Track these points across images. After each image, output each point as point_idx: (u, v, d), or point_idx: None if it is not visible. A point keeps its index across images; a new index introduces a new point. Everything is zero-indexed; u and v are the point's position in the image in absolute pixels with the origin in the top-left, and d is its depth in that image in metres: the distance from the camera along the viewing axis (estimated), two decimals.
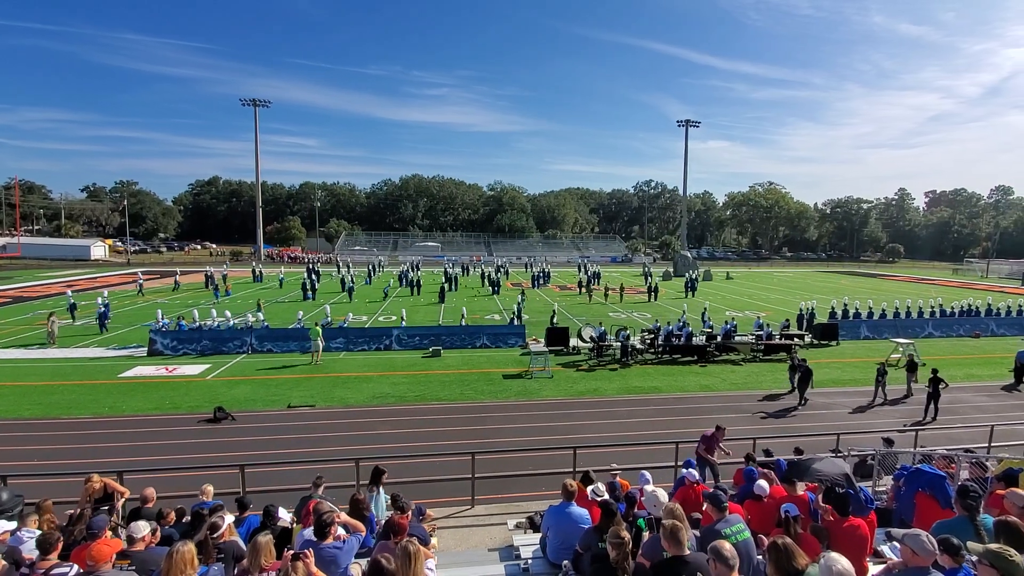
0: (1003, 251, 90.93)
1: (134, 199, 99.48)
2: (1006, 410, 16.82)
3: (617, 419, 15.63)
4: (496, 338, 25.02)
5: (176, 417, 15.18)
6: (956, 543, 3.88)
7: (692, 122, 76.51)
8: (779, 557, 3.56)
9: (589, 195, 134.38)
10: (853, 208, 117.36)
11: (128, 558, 4.77)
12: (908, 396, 17.92)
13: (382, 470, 7.75)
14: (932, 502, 5.74)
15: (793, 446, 11.38)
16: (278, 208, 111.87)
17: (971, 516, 4.77)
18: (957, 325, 29.78)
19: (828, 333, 26.93)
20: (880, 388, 17.52)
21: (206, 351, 22.55)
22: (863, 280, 64.00)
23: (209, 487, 7.66)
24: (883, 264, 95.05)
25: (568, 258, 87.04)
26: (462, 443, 13.25)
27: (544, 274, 51.81)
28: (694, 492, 6.56)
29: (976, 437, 13.08)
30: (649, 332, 24.09)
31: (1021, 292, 47.51)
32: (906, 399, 17.76)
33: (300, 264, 63.68)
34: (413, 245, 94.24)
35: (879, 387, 17.51)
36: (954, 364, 22.58)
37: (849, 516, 4.96)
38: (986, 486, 6.77)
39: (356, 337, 24.14)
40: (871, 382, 18.36)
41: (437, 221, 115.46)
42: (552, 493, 8.43)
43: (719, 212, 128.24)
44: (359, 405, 16.48)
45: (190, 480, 9.13)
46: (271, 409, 16.00)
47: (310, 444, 13.28)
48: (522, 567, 6.36)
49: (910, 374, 18.18)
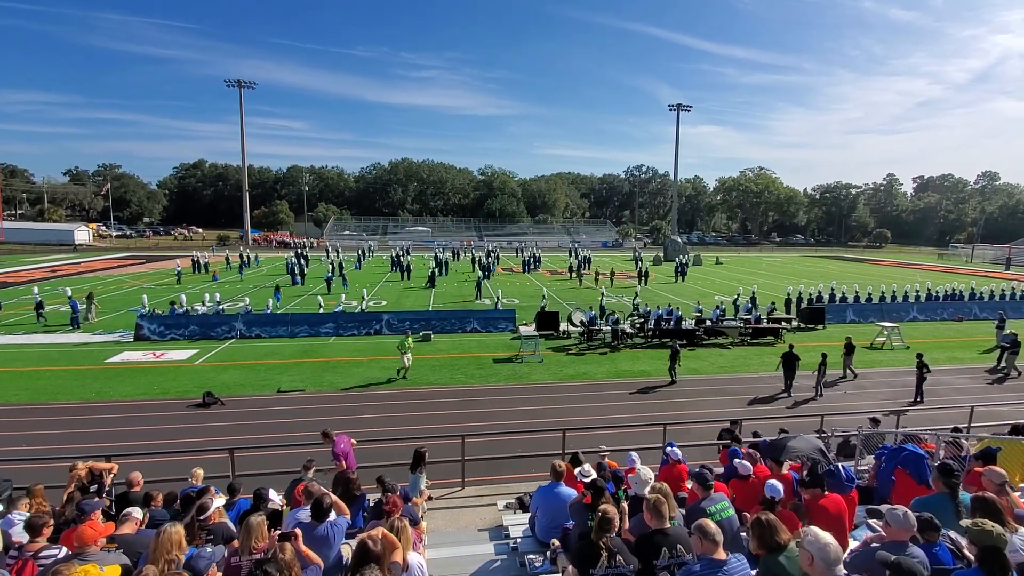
0: (988, 236, 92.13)
1: (118, 183, 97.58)
2: (986, 391, 17.20)
3: (606, 402, 15.79)
4: (487, 323, 25.06)
5: (164, 402, 15.11)
6: (933, 519, 3.99)
7: (683, 106, 76.26)
8: (763, 533, 3.65)
9: (580, 180, 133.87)
10: (842, 193, 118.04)
11: (116, 541, 4.78)
12: (844, 378, 18.07)
13: (423, 452, 8.31)
14: (909, 479, 5.88)
15: (778, 427, 11.60)
16: (265, 192, 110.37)
17: (952, 494, 4.89)
18: (941, 309, 30.27)
19: (814, 317, 27.26)
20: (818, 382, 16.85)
21: (194, 336, 22.38)
22: (850, 265, 64.68)
23: (199, 471, 7.66)
24: (870, 249, 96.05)
25: (559, 243, 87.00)
26: (452, 426, 13.33)
27: (535, 259, 51.79)
28: (677, 471, 6.66)
29: (956, 418, 13.36)
30: (639, 316, 24.24)
31: (1004, 277, 48.29)
32: (843, 380, 17.98)
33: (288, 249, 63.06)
34: (403, 230, 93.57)
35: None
36: (937, 347, 22.99)
37: (827, 493, 5.07)
38: (964, 464, 6.95)
39: (346, 322, 24.07)
40: (857, 365, 18.60)
41: (427, 206, 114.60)
42: (541, 474, 8.52)
43: (709, 197, 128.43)
44: (349, 389, 16.48)
45: (179, 465, 9.11)
46: (261, 394, 15.97)
47: (300, 428, 13.28)
48: (511, 546, 6.46)
49: (847, 357, 18.16)
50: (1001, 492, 4.82)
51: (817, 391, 16.44)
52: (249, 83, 72.53)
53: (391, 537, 3.99)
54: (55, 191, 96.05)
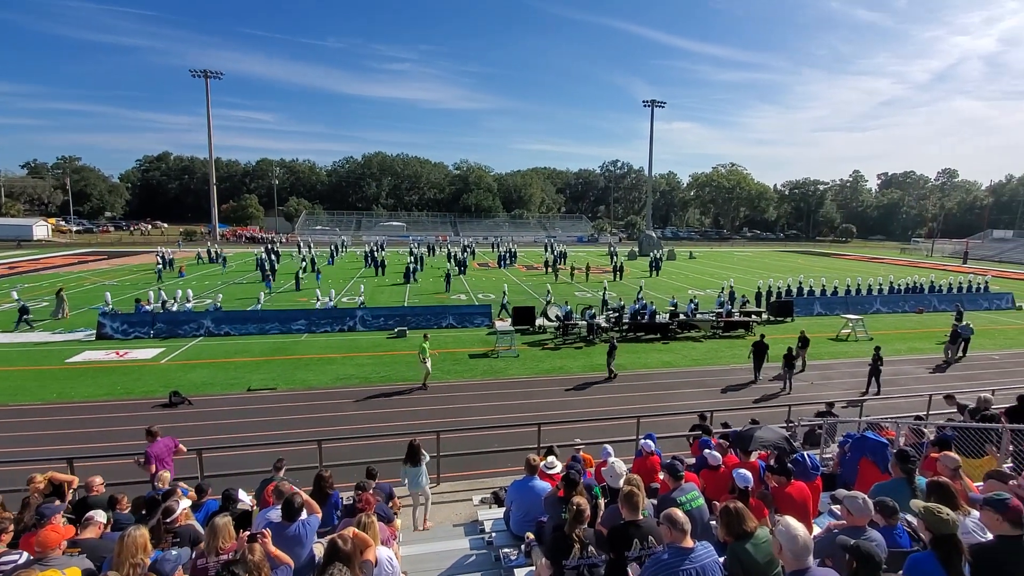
0: (947, 231, 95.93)
1: (78, 176, 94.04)
2: (945, 380, 17.90)
3: (581, 396, 15.93)
4: (462, 318, 24.98)
5: (129, 403, 14.65)
6: (891, 504, 4.14)
7: (658, 102, 77.03)
8: (730, 520, 3.74)
9: (556, 175, 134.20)
10: (810, 189, 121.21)
11: (79, 546, 4.64)
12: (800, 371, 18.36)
13: (418, 445, 8.16)
14: (873, 467, 6.09)
15: (750, 418, 11.87)
16: (233, 186, 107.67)
17: (909, 479, 5.08)
18: (903, 301, 31.37)
19: (783, 310, 27.96)
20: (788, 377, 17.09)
21: (160, 334, 21.73)
22: (818, 259, 66.46)
23: (165, 473, 7.47)
24: (837, 244, 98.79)
25: (535, 238, 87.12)
26: (428, 422, 13.27)
27: (510, 254, 51.81)
28: (650, 462, 6.77)
29: (916, 406, 13.88)
30: (614, 311, 24.48)
31: (962, 270, 50.29)
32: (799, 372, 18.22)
33: (258, 244, 61.64)
34: (377, 225, 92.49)
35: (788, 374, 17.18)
36: (899, 338, 23.85)
37: (792, 481, 5.21)
38: (922, 451, 7.23)
39: (318, 318, 23.69)
40: (824, 356, 19.18)
41: (402, 200, 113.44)
42: (517, 469, 8.56)
43: (683, 192, 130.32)
44: (322, 387, 16.25)
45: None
46: (230, 393, 15.61)
47: (271, 427, 13.06)
48: (486, 540, 6.47)
49: (802, 350, 18.51)
50: (955, 477, 5.04)
51: (786, 384, 16.88)
52: (216, 73, 70.49)
53: (362, 535, 3.96)
54: (12, 184, 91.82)
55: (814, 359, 19.74)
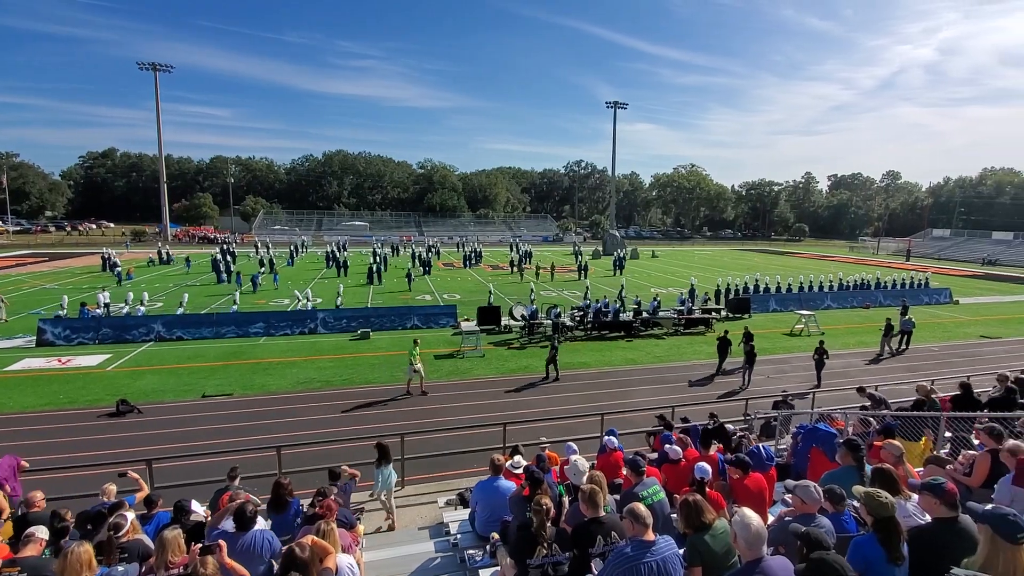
0: (891, 230, 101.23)
1: (15, 173, 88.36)
2: (890, 372, 18.86)
3: (547, 395, 16.02)
4: (427, 318, 24.75)
5: (73, 413, 13.89)
6: (839, 492, 4.32)
7: (620, 104, 78.16)
8: (689, 513, 3.83)
9: (521, 174, 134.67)
10: (766, 190, 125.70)
11: (18, 565, 4.38)
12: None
13: (386, 446, 8.33)
14: (823, 456, 6.35)
15: (708, 412, 12.19)
16: (186, 184, 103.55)
17: (859, 467, 5.31)
18: (851, 297, 32.90)
19: (741, 306, 28.87)
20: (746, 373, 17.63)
21: (106, 340, 20.68)
22: (773, 257, 68.92)
23: (111, 486, 7.09)
24: (791, 242, 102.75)
25: (500, 237, 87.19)
26: (392, 425, 13.09)
27: (476, 254, 51.68)
28: (614, 459, 6.86)
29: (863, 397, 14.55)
30: (579, 310, 24.74)
31: (905, 267, 53.09)
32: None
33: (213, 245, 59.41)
34: (339, 224, 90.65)
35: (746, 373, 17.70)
36: (847, 333, 24.98)
37: (750, 473, 5.38)
38: (869, 439, 7.58)
39: (277, 321, 23.03)
40: (779, 350, 19.84)
41: (365, 199, 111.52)
42: (483, 469, 8.53)
43: (646, 192, 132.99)
44: (282, 392, 15.80)
45: (91, 480, 8.46)
46: (183, 400, 15.00)
47: (227, 434, 12.62)
48: (451, 542, 6.43)
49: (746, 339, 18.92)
50: (898, 463, 5.30)
51: (744, 380, 17.42)
52: (165, 66, 67.48)
53: (321, 543, 3.86)
54: None
55: (769, 355, 20.46)
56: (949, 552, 3.22)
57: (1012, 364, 17.92)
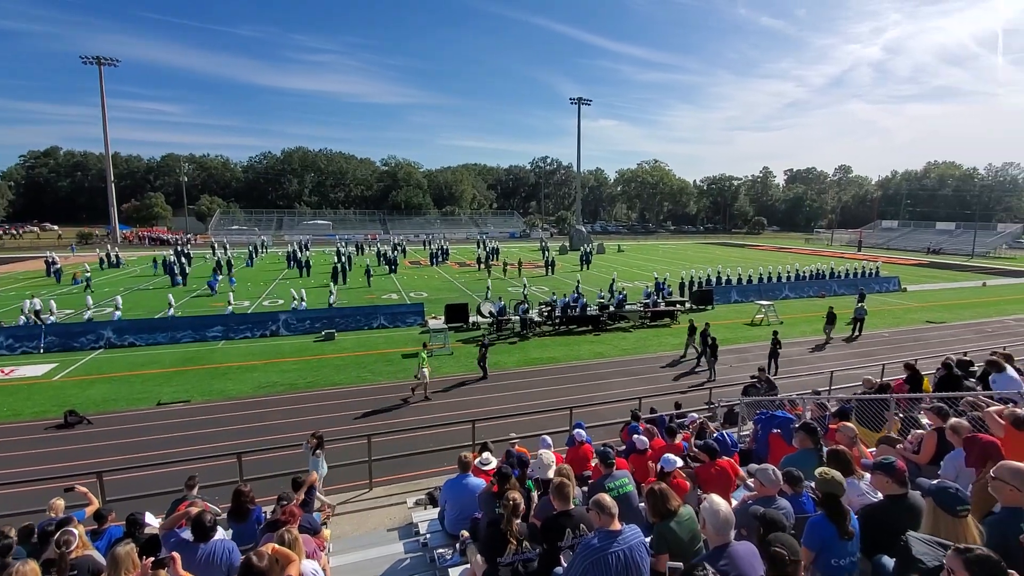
0: (844, 222, 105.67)
1: None
2: (844, 358, 19.65)
3: (516, 391, 16.04)
4: (394, 317, 24.43)
5: (17, 425, 13.13)
6: (796, 474, 4.45)
7: (584, 100, 78.71)
8: (656, 501, 3.88)
9: (487, 171, 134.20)
10: (726, 185, 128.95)
11: None
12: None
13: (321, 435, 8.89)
14: (781, 441, 6.55)
15: (674, 401, 12.44)
16: (136, 183, 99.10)
17: (818, 449, 5.49)
18: (807, 287, 34.16)
19: (704, 298, 29.58)
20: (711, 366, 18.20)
21: (51, 348, 19.62)
22: (734, 250, 70.84)
23: (59, 501, 6.72)
24: (750, 235, 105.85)
25: (467, 234, 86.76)
26: (358, 426, 12.87)
27: (443, 251, 51.30)
28: (583, 451, 6.90)
29: (819, 382, 15.14)
30: (547, 305, 24.86)
31: (857, 257, 55.41)
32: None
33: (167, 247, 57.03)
34: (301, 223, 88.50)
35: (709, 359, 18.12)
36: (804, 321, 25.90)
37: (716, 459, 5.50)
38: (825, 423, 7.86)
39: (237, 324, 22.30)
40: (740, 340, 20.37)
41: (327, 198, 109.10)
42: (452, 468, 8.47)
43: (610, 188, 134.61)
44: (242, 396, 15.32)
45: (37, 495, 8.03)
46: (136, 408, 14.37)
47: (185, 443, 12.15)
48: (421, 542, 6.35)
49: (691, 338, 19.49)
50: (852, 444, 5.50)
51: (711, 373, 17.84)
52: (111, 60, 64.30)
53: (283, 551, 3.73)
54: None
55: (731, 344, 21.03)
56: (899, 527, 3.35)
57: (956, 347, 18.94)
